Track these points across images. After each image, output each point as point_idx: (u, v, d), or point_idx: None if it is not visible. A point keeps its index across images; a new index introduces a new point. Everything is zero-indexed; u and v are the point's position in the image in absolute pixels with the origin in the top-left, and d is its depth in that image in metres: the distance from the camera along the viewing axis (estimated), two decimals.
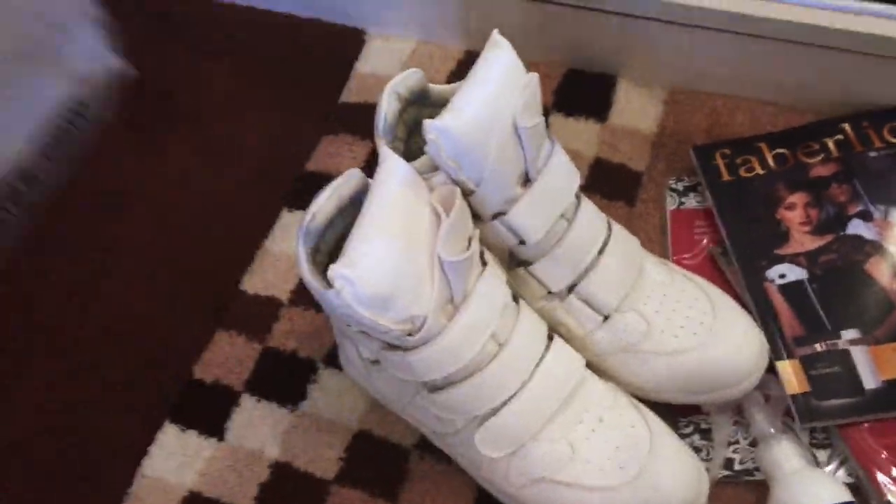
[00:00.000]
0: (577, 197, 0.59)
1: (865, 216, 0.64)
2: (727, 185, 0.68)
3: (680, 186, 0.71)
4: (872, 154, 0.67)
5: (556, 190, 0.57)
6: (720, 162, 0.69)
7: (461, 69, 0.82)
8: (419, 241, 0.50)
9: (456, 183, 0.53)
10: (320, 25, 0.86)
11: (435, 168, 0.54)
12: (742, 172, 0.68)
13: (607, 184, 0.73)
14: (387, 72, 0.82)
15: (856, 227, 0.64)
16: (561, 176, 0.57)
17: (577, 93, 0.79)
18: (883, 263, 0.62)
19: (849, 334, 0.59)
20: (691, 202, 0.70)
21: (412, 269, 0.49)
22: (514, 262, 0.58)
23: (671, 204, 0.70)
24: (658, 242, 0.69)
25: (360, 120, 0.79)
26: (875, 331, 0.59)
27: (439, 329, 0.51)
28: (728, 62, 0.74)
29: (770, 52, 0.71)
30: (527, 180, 0.55)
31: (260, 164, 0.79)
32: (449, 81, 0.81)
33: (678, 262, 0.66)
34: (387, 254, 0.49)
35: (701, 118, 0.75)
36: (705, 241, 0.68)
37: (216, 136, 0.81)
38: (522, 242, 0.56)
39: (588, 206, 0.59)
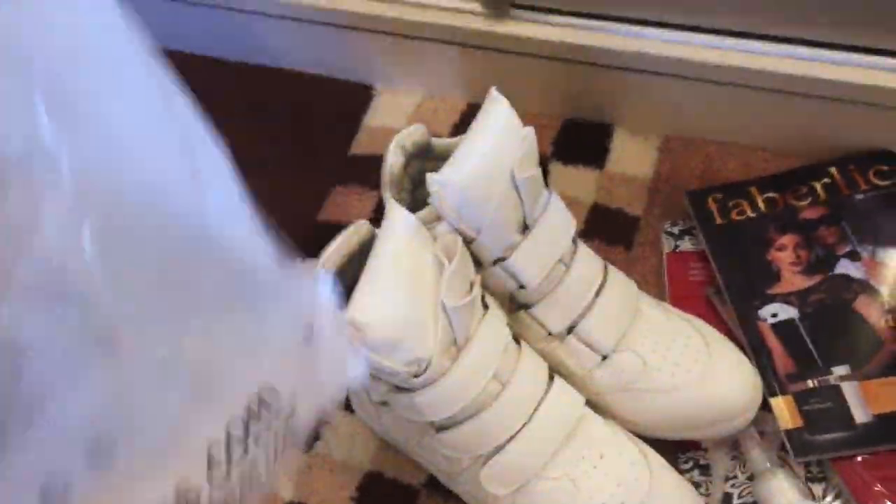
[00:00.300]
0: (574, 242, 0.62)
1: (853, 256, 0.67)
2: (720, 227, 0.71)
3: (675, 230, 0.74)
4: (859, 196, 0.70)
5: (553, 236, 0.60)
6: (713, 206, 0.72)
7: (464, 121, 0.85)
8: (423, 287, 0.53)
9: (458, 232, 0.56)
10: (330, 82, 0.90)
11: (438, 218, 0.57)
12: (734, 216, 0.71)
13: (606, 228, 0.76)
14: (394, 125, 0.86)
15: (844, 267, 0.66)
16: (558, 223, 0.60)
17: (575, 142, 0.82)
18: (871, 302, 0.64)
19: (839, 370, 0.62)
20: (687, 245, 0.73)
21: (417, 315, 0.52)
22: (515, 305, 0.61)
23: (667, 247, 0.73)
24: (656, 284, 0.72)
25: (369, 171, 0.82)
26: (865, 367, 0.62)
27: (443, 370, 0.53)
28: (719, 111, 0.77)
29: (759, 101, 0.75)
30: (525, 228, 0.59)
31: (274, 215, 0.82)
32: (453, 133, 0.85)
33: (675, 303, 0.69)
34: (393, 300, 0.52)
35: (694, 164, 0.78)
36: (701, 282, 0.70)
37: None
38: (522, 287, 0.59)
39: (584, 251, 0.62)
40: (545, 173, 0.80)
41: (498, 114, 0.58)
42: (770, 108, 0.75)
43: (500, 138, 0.57)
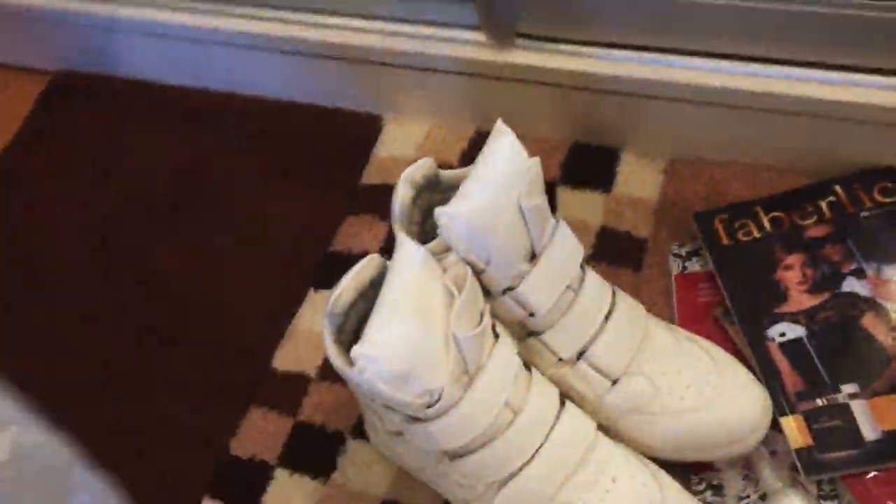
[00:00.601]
0: (582, 268, 0.63)
1: (859, 274, 0.67)
2: (727, 248, 0.72)
3: (683, 251, 0.75)
4: (864, 214, 0.70)
5: (561, 264, 0.61)
6: (719, 227, 0.73)
7: (472, 148, 0.87)
8: (434, 318, 0.54)
9: (467, 262, 0.57)
10: (341, 113, 0.92)
11: (448, 249, 0.58)
12: (740, 236, 0.72)
13: (614, 251, 0.77)
14: (403, 154, 0.88)
15: (850, 285, 0.67)
16: (565, 250, 0.61)
17: (583, 166, 0.83)
18: (878, 319, 0.65)
19: (848, 388, 0.62)
20: (694, 266, 0.74)
21: (428, 346, 0.53)
22: (525, 332, 0.62)
23: (675, 268, 0.74)
24: (664, 305, 0.73)
25: (380, 200, 0.84)
26: (873, 384, 0.62)
27: (456, 400, 0.55)
28: (723, 132, 0.78)
29: (762, 122, 0.76)
30: (533, 256, 0.60)
31: (288, 246, 0.84)
32: (461, 160, 0.86)
33: (683, 324, 0.70)
34: (404, 333, 0.53)
35: (700, 186, 0.79)
36: (709, 303, 0.71)
37: (247, 220, 0.87)
38: (532, 314, 0.60)
39: (592, 277, 0.63)
40: (553, 198, 0.82)
41: (503, 145, 0.59)
42: (773, 128, 0.76)
43: (507, 169, 0.58)
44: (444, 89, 0.87)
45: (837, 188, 0.73)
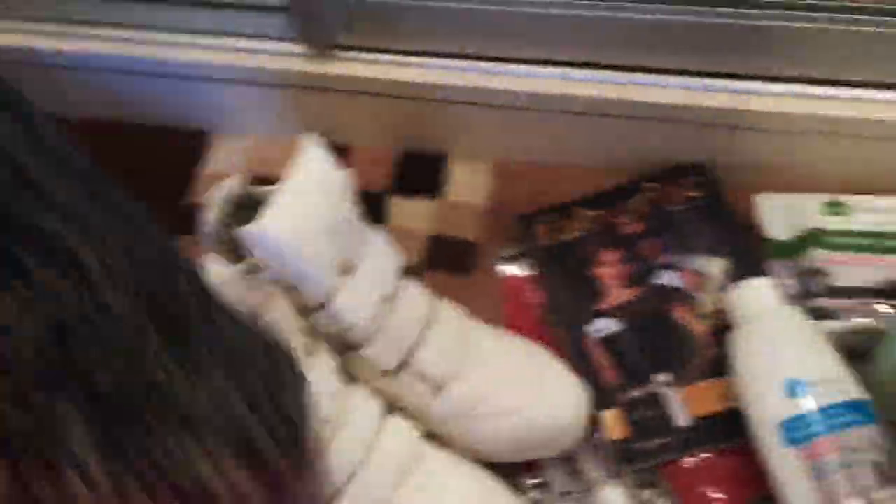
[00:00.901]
0: (401, 277, 0.63)
1: (671, 267, 0.70)
2: (548, 249, 0.74)
3: (510, 254, 0.76)
4: (675, 209, 0.73)
5: (377, 275, 0.61)
6: (541, 228, 0.75)
7: None
8: None
9: (278, 281, 0.57)
10: (166, 130, 0.89)
11: (258, 268, 0.57)
12: (561, 236, 0.74)
13: (445, 257, 0.78)
14: (230, 170, 0.86)
15: (662, 278, 0.70)
16: (381, 261, 0.61)
17: (411, 173, 0.84)
18: (688, 309, 0.68)
19: (662, 378, 0.65)
20: (521, 269, 0.75)
21: None
22: (346, 346, 0.62)
23: (503, 272, 0.75)
24: (494, 310, 0.74)
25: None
26: (684, 372, 0.65)
27: None
28: (544, 136, 0.80)
29: (580, 124, 0.78)
30: (348, 269, 0.59)
31: None
32: None
33: (511, 327, 0.71)
34: None
35: (525, 188, 0.81)
36: (535, 304, 0.73)
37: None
38: (349, 329, 0.60)
39: (411, 286, 0.63)
40: (383, 208, 0.82)
41: (312, 158, 0.59)
42: (591, 129, 0.78)
43: (316, 182, 0.58)
44: (269, 103, 0.85)
45: (651, 185, 0.76)
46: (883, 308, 0.64)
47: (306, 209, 0.57)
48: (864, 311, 0.64)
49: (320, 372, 0.57)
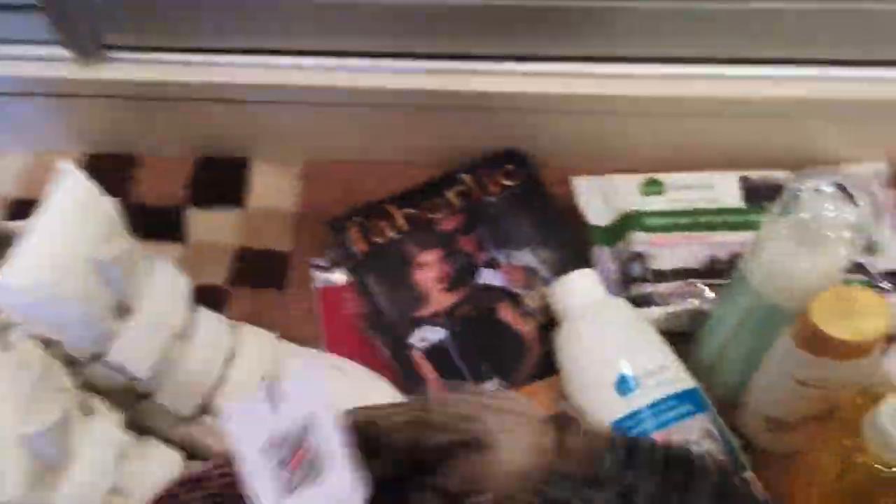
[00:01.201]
0: (191, 309, 0.56)
1: (492, 264, 0.67)
2: (364, 254, 0.68)
3: (324, 263, 0.70)
4: (490, 200, 0.70)
5: (160, 313, 0.53)
6: (354, 231, 0.69)
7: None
8: None
9: (35, 336, 0.48)
10: None
11: (8, 324, 0.49)
12: (376, 238, 0.69)
13: (255, 272, 0.71)
14: (2, 191, 0.76)
15: (485, 277, 0.66)
16: (165, 297, 0.54)
17: (211, 181, 0.76)
18: (512, 307, 0.64)
19: (489, 386, 0.61)
20: (337, 277, 0.69)
21: None
22: (135, 395, 0.54)
23: (318, 282, 0.69)
24: (311, 324, 0.68)
25: None
26: (513, 374, 0.62)
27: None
28: (350, 131, 0.74)
29: (386, 117, 0.73)
30: (126, 311, 0.52)
31: None
32: None
33: (331, 342, 0.66)
34: None
35: (335, 189, 0.75)
36: (354, 315, 0.67)
37: None
38: (133, 380, 0.53)
39: (206, 318, 0.57)
40: (182, 223, 0.74)
41: (69, 187, 0.51)
42: (400, 122, 0.73)
43: (73, 218, 0.50)
44: (40, 113, 0.75)
45: (465, 176, 0.71)
46: (703, 288, 0.63)
47: (64, 250, 0.49)
48: (687, 293, 0.62)
49: (102, 434, 0.49)
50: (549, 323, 0.62)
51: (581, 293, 0.60)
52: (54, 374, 0.48)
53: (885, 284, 0.62)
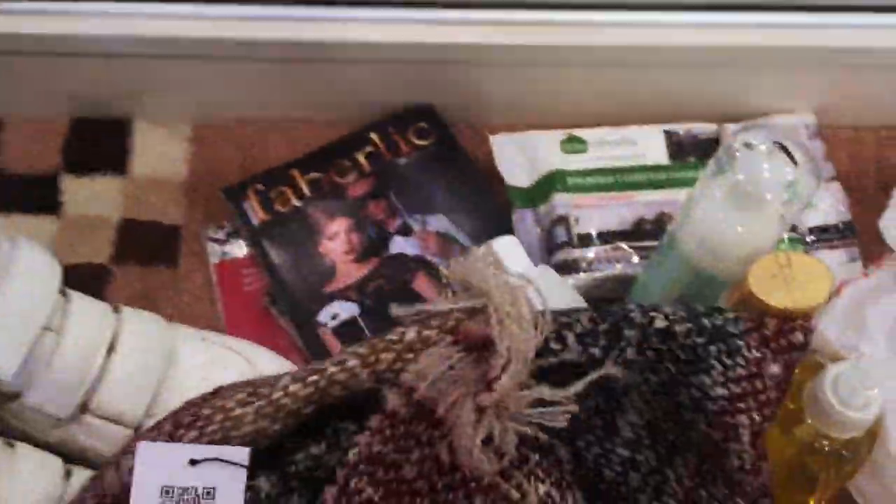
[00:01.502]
0: (63, 294, 0.49)
1: (406, 231, 0.61)
2: (265, 224, 0.62)
3: (221, 235, 0.64)
4: (401, 161, 0.64)
5: (25, 301, 0.47)
6: (254, 200, 0.63)
7: None
8: None
9: None
10: None
11: None
12: (278, 207, 0.63)
13: (142, 246, 0.64)
14: None
15: (398, 245, 0.61)
16: (29, 282, 0.47)
17: (89, 146, 0.68)
18: (428, 277, 0.60)
19: None
20: (236, 251, 0.63)
21: None
22: (1, 397, 0.47)
23: (214, 256, 0.63)
24: (209, 302, 0.62)
25: None
26: None
27: None
28: (249, 88, 0.67)
29: (285, 71, 0.66)
30: None
31: None
32: None
33: (231, 322, 0.60)
34: None
35: (232, 152, 0.68)
36: (256, 291, 0.61)
37: None
38: None
39: (80, 303, 0.50)
40: (56, 192, 0.66)
41: None
42: (300, 77, 0.66)
43: None
44: None
45: (374, 136, 0.65)
46: (630, 251, 0.59)
47: None
48: (613, 258, 0.59)
49: None
50: None
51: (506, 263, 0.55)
52: None
53: (814, 239, 0.60)
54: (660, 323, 0.43)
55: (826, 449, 0.44)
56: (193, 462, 0.41)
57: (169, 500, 0.40)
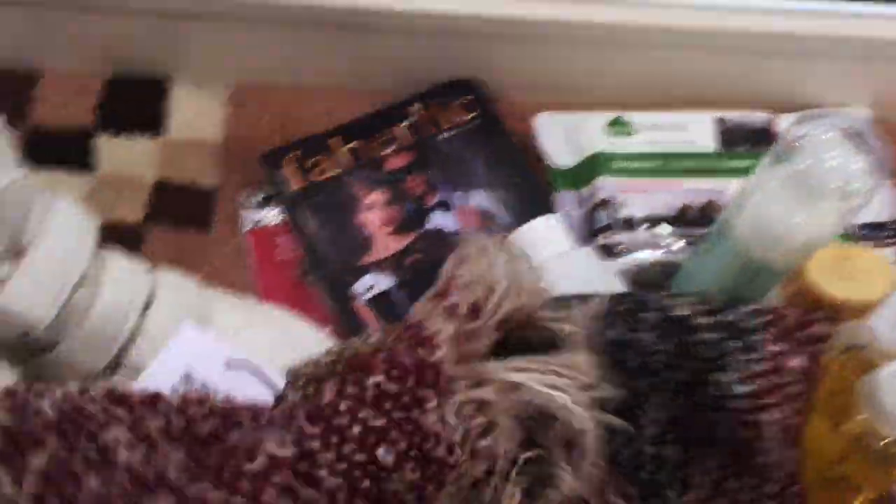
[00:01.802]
0: (100, 250, 0.48)
1: (445, 206, 0.60)
2: (301, 193, 0.61)
3: (255, 201, 0.63)
4: (443, 136, 0.63)
5: (62, 255, 0.45)
6: (291, 167, 0.62)
7: None
8: None
9: None
10: None
11: None
12: (315, 176, 0.62)
13: (175, 209, 0.63)
14: None
15: (436, 220, 0.60)
16: (66, 236, 0.46)
17: (126, 106, 0.67)
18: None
19: None
20: (271, 218, 0.62)
21: None
22: (31, 351, 0.47)
23: (248, 223, 0.62)
24: (240, 269, 0.61)
25: None
26: None
27: None
28: (291, 53, 0.66)
29: (329, 38, 0.65)
30: (19, 254, 0.44)
31: None
32: None
33: (265, 290, 0.59)
34: None
35: (271, 118, 0.67)
36: (290, 261, 0.60)
37: None
38: (29, 333, 0.45)
39: (117, 259, 0.49)
40: (90, 151, 0.65)
41: None
42: (342, 44, 0.65)
43: None
44: None
45: (415, 108, 0.64)
46: (674, 238, 0.58)
47: None
48: (656, 244, 0.57)
49: None
50: None
51: (542, 242, 0.54)
52: None
53: (864, 235, 0.59)
54: (681, 311, 0.42)
55: (876, 447, 0.43)
56: (229, 365, 0.39)
57: (185, 388, 0.38)
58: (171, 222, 0.63)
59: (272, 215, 0.62)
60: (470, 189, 0.61)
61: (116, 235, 0.59)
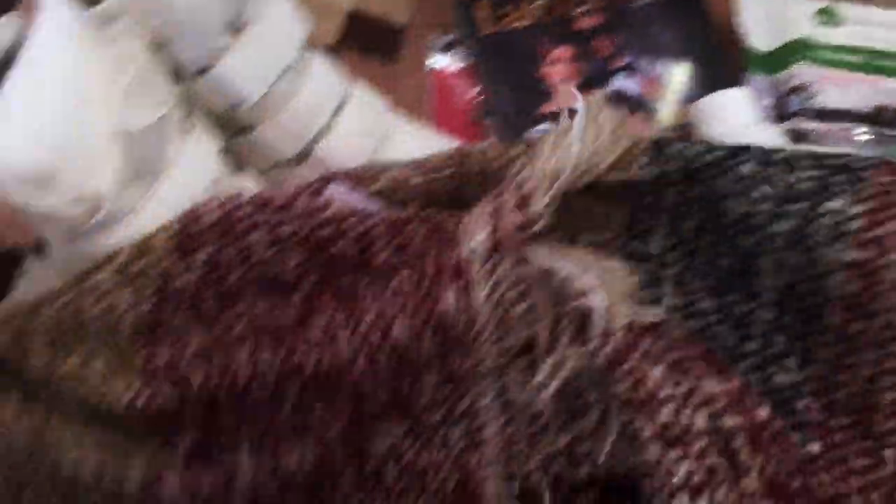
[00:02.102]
0: (305, 50, 0.51)
1: (629, 71, 0.60)
2: (489, 39, 0.62)
3: (444, 42, 0.64)
4: (638, 4, 0.62)
5: (274, 39, 0.48)
6: (483, 13, 0.63)
7: None
8: (93, 103, 0.41)
9: (143, 33, 0.44)
10: None
11: (118, 14, 0.44)
12: (505, 24, 0.62)
13: (365, 38, 0.65)
14: None
15: (619, 83, 0.60)
16: (280, 23, 0.49)
17: None
18: (646, 120, 0.58)
19: None
20: (456, 60, 0.63)
21: (83, 138, 0.40)
22: (232, 129, 0.50)
23: (434, 62, 0.64)
24: (420, 103, 0.63)
25: None
26: None
27: (128, 209, 0.43)
28: None
29: None
30: (240, 28, 0.47)
31: None
32: None
33: (441, 125, 0.60)
34: (46, 121, 0.39)
35: None
36: (469, 102, 0.62)
37: None
38: (237, 105, 0.48)
39: (320, 61, 0.51)
40: None
41: None
42: None
43: None
44: None
45: None
46: (864, 135, 0.56)
47: None
48: (842, 138, 0.56)
49: (199, 151, 0.45)
50: None
51: (730, 113, 0.53)
52: (157, 80, 0.44)
53: None
54: (779, 155, 0.39)
55: None
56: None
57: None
58: (359, 49, 0.65)
59: (457, 58, 0.63)
60: (657, 59, 0.60)
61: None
